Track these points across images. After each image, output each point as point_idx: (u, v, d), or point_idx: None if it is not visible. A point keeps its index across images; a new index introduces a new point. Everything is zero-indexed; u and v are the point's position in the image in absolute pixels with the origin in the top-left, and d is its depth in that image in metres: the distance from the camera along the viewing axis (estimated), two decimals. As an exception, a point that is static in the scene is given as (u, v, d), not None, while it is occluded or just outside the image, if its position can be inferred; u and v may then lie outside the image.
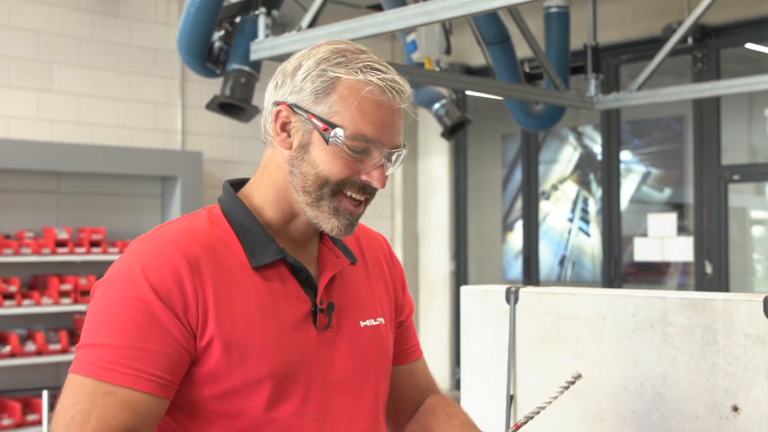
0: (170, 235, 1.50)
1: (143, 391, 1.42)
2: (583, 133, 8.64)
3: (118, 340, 1.43)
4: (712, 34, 7.26)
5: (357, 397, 1.62)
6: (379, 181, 1.53)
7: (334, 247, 1.66)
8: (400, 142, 1.56)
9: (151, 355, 1.42)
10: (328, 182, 1.52)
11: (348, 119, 1.50)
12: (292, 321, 1.54)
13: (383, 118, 1.51)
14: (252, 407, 1.50)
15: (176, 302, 1.44)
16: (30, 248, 6.54)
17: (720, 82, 6.14)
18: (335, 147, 1.50)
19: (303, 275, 1.58)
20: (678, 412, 1.97)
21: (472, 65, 8.61)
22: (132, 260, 1.47)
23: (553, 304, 2.18)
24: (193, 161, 7.54)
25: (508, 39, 6.06)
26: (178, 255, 1.46)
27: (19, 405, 6.42)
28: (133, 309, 1.43)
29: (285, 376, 1.52)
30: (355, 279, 1.69)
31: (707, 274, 7.37)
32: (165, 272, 1.44)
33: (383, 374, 1.69)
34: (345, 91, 1.51)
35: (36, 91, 7.03)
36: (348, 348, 1.62)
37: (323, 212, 1.54)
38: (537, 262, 8.66)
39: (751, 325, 1.88)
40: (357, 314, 1.65)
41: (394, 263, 1.81)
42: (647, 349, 2.03)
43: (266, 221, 1.59)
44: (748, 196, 7.76)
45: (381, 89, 1.51)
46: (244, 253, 1.54)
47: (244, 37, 5.20)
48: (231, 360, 1.48)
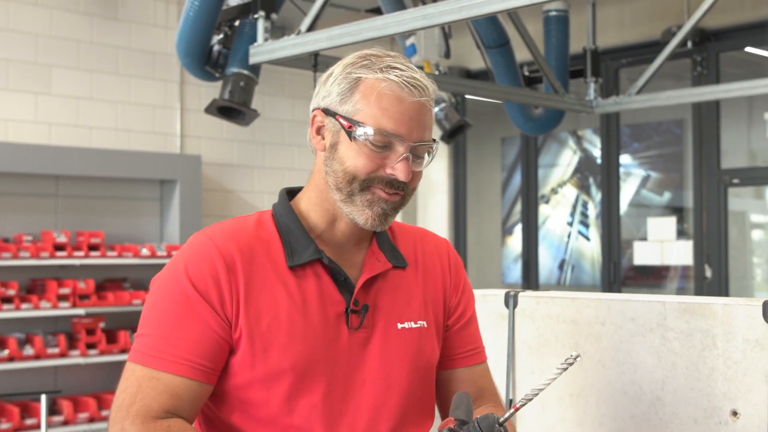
0: (213, 235, 1.64)
1: (183, 376, 1.56)
2: (583, 137, 8.64)
3: (162, 330, 1.58)
4: (712, 37, 7.26)
5: (382, 397, 1.66)
6: (403, 174, 1.61)
7: (380, 252, 1.73)
8: (424, 136, 1.63)
9: (190, 344, 1.57)
10: (356, 178, 1.61)
11: (369, 115, 1.60)
12: (322, 319, 1.63)
13: (403, 113, 1.60)
14: (273, 398, 1.60)
15: (213, 296, 1.58)
16: (28, 252, 6.52)
17: (719, 86, 6.13)
18: (359, 143, 1.60)
19: (341, 276, 1.67)
20: (677, 417, 1.96)
21: (472, 69, 8.61)
22: (179, 258, 1.64)
23: (552, 309, 2.18)
24: (192, 165, 7.53)
25: (508, 42, 6.05)
26: (216, 254, 1.60)
27: (17, 409, 6.41)
28: (176, 302, 1.58)
29: (306, 370, 1.60)
30: (401, 282, 1.75)
31: (707, 278, 7.36)
32: (204, 269, 1.59)
33: (417, 376, 1.72)
34: (366, 90, 1.62)
35: (34, 94, 7.03)
36: (380, 349, 1.68)
37: (357, 206, 1.63)
38: (536, 266, 8.65)
39: (750, 330, 1.87)
40: (396, 316, 1.71)
41: (453, 268, 1.84)
42: (646, 354, 2.02)
43: (310, 225, 1.69)
44: (747, 199, 7.75)
45: (399, 85, 1.61)
46: (283, 254, 1.65)
47: (243, 40, 5.19)
48: (254, 351, 1.59)
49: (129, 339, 6.98)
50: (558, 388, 2.17)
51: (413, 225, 1.93)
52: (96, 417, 6.75)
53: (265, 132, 8.27)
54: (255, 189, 8.26)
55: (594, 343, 2.11)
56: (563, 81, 6.20)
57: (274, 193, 7.79)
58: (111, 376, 7.21)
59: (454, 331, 1.82)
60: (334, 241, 1.70)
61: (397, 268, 1.75)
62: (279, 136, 8.42)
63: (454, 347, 1.82)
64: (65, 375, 6.97)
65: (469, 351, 1.83)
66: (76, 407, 6.74)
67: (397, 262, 1.75)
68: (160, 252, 7.18)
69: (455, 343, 1.82)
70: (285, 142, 8.47)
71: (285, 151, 8.46)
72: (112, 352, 6.89)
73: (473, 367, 1.83)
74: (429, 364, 1.75)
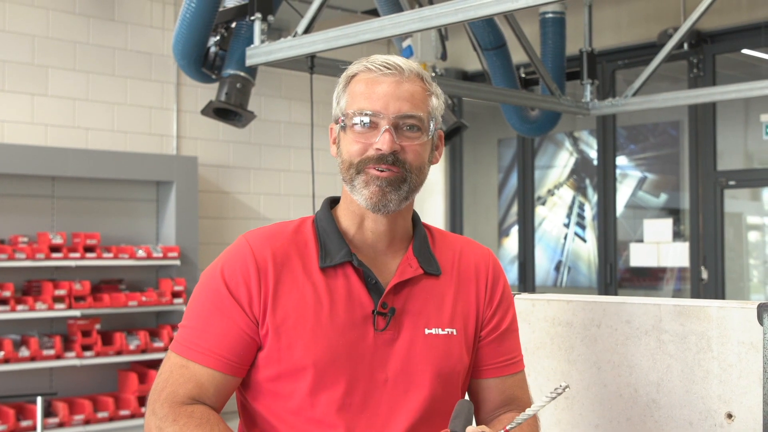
0: (251, 239, 1.77)
1: (207, 367, 1.68)
2: (579, 139, 8.64)
3: (196, 323, 1.72)
4: (708, 39, 7.27)
5: (401, 398, 1.71)
6: (385, 144, 1.69)
7: (413, 258, 1.79)
8: (402, 108, 1.71)
9: (218, 338, 1.69)
10: (351, 164, 1.73)
11: (350, 102, 1.74)
12: (348, 319, 1.71)
13: (377, 91, 1.71)
14: (297, 391, 1.69)
15: (242, 296, 1.70)
16: (24, 253, 6.52)
17: (716, 88, 6.14)
18: (348, 131, 1.73)
19: (372, 279, 1.74)
20: (672, 419, 1.96)
21: (468, 71, 8.61)
22: (220, 258, 1.77)
23: (547, 311, 2.18)
24: (188, 166, 7.53)
25: (504, 44, 6.05)
26: (250, 257, 1.73)
27: (12, 411, 6.40)
28: (210, 299, 1.72)
29: (329, 367, 1.68)
30: (433, 289, 1.79)
31: (703, 279, 7.36)
32: (237, 271, 1.72)
33: (440, 381, 1.75)
34: (350, 84, 1.76)
35: (31, 95, 7.02)
36: (405, 351, 1.73)
37: (357, 189, 1.73)
38: (533, 268, 8.65)
39: (745, 333, 1.87)
40: (424, 321, 1.76)
41: (491, 280, 1.86)
42: (641, 356, 2.02)
43: (344, 229, 1.80)
44: (743, 201, 7.76)
45: (373, 69, 1.73)
46: (317, 256, 1.75)
47: (239, 42, 5.19)
48: (281, 347, 1.69)
49: (125, 341, 6.97)
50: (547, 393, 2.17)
51: (457, 234, 1.96)
52: (92, 419, 6.74)
53: (261, 133, 8.26)
54: (251, 190, 8.25)
55: (589, 346, 2.11)
56: (560, 83, 6.21)
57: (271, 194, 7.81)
58: (107, 377, 7.20)
59: (485, 343, 1.84)
60: (367, 245, 1.79)
61: (430, 275, 1.80)
62: (275, 137, 8.42)
63: (486, 358, 1.84)
64: (61, 377, 6.96)
65: (501, 362, 1.85)
66: (72, 409, 6.73)
67: (429, 269, 1.80)
68: (156, 253, 7.17)
69: (487, 354, 1.84)
70: (281, 144, 8.46)
71: (281, 152, 8.46)
72: (108, 353, 6.88)
73: (504, 378, 1.85)
74: (455, 371, 1.78)
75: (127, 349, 6.96)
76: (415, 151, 1.73)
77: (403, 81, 1.73)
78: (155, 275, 7.51)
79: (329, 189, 8.45)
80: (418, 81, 1.75)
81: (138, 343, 7.03)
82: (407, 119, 1.71)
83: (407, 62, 1.76)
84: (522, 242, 8.71)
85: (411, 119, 1.72)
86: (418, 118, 1.72)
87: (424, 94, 1.75)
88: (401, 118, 1.71)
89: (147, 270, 7.48)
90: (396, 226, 1.80)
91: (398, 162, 1.71)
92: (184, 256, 7.38)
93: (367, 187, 1.72)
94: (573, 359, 2.14)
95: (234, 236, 8.04)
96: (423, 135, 1.74)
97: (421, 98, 1.74)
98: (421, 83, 1.76)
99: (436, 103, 1.79)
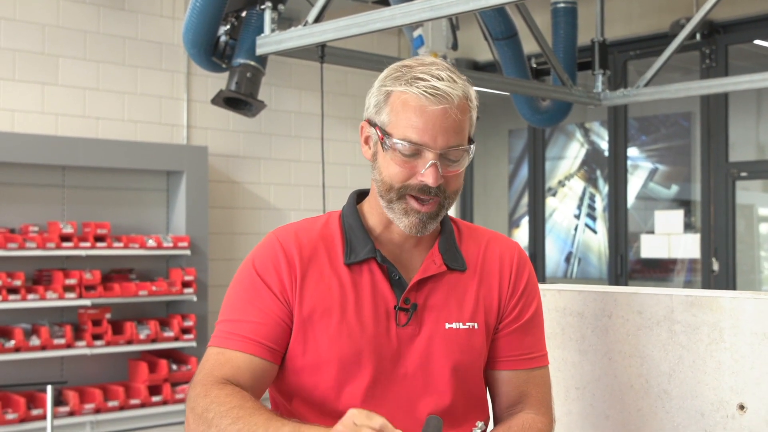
0: (279, 234, 1.80)
1: (244, 352, 1.70)
2: (590, 130, 8.61)
3: (232, 315, 1.75)
4: (721, 30, 7.22)
5: (420, 391, 1.74)
6: (431, 179, 1.68)
7: (438, 255, 1.80)
8: (450, 141, 1.68)
9: (255, 326, 1.72)
10: (392, 187, 1.72)
11: (396, 126, 1.69)
12: (372, 314, 1.74)
13: (426, 122, 1.67)
14: (321, 384, 1.73)
15: (275, 283, 1.74)
16: (35, 242, 6.53)
17: (728, 79, 6.11)
18: (391, 152, 1.70)
19: (395, 275, 1.77)
20: (684, 410, 1.95)
21: (479, 61, 8.58)
22: (251, 254, 1.81)
23: (558, 301, 2.17)
24: (199, 156, 7.53)
25: (515, 34, 6.03)
26: (280, 250, 1.76)
27: (23, 399, 6.42)
28: (245, 290, 1.76)
29: (352, 361, 1.71)
30: (457, 284, 1.80)
31: (714, 271, 7.34)
32: (268, 262, 1.76)
33: (460, 375, 1.77)
34: (394, 102, 1.71)
35: (41, 85, 7.03)
36: (425, 346, 1.75)
37: (396, 213, 1.74)
38: (543, 259, 8.64)
39: (757, 323, 1.86)
40: (445, 316, 1.77)
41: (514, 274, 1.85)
42: (653, 347, 2.01)
43: (370, 226, 1.81)
44: (755, 193, 7.72)
45: (420, 96, 1.67)
46: (343, 251, 1.78)
47: (249, 31, 5.18)
48: (306, 340, 1.73)
49: (135, 330, 6.99)
50: (564, 382, 2.16)
51: (484, 228, 1.96)
52: (102, 408, 6.76)
53: (271, 123, 8.26)
54: (261, 180, 8.25)
55: (601, 336, 2.10)
56: (571, 73, 6.18)
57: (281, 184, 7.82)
58: (117, 367, 7.22)
59: (504, 334, 1.83)
60: (392, 242, 1.80)
61: (454, 270, 1.81)
62: (286, 127, 8.41)
63: (503, 349, 1.84)
64: (71, 366, 6.98)
65: (518, 355, 1.84)
66: (82, 398, 6.76)
67: (454, 265, 1.81)
68: (166, 243, 7.18)
69: (504, 345, 1.84)
70: (292, 134, 8.46)
71: (292, 142, 8.45)
72: (118, 343, 6.90)
73: (518, 372, 1.84)
74: (474, 366, 1.80)
75: (137, 339, 6.98)
76: (457, 179, 1.74)
77: (452, 109, 1.68)
78: (165, 265, 7.52)
79: (339, 179, 8.45)
80: (464, 105, 1.71)
81: (148, 332, 7.04)
82: (453, 150, 1.70)
83: (455, 87, 1.69)
84: (532, 233, 8.69)
85: (456, 150, 1.71)
86: (463, 149, 1.71)
87: (468, 116, 1.73)
88: (448, 149, 1.69)
89: (157, 260, 7.49)
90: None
91: (440, 192, 1.72)
92: (195, 246, 7.39)
93: (407, 216, 1.73)
94: (584, 350, 2.13)
95: (244, 226, 8.05)
96: (465, 161, 1.73)
97: (467, 123, 1.72)
98: (467, 105, 1.72)
99: (474, 119, 1.77)
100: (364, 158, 1.82)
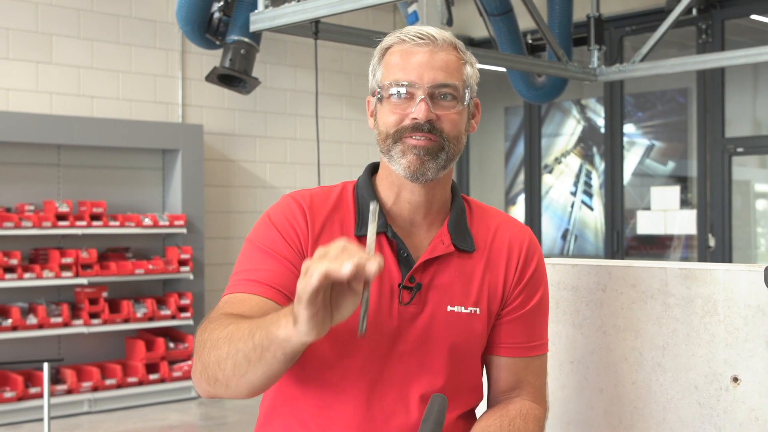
0: (295, 194, 1.80)
1: (257, 295, 1.68)
2: (587, 106, 8.59)
3: (244, 266, 1.74)
4: (717, 5, 7.19)
5: (415, 371, 1.73)
6: (421, 113, 1.70)
7: (447, 235, 1.79)
8: (437, 77, 1.71)
9: (269, 273, 1.70)
10: (388, 134, 1.73)
11: (385, 74, 1.75)
12: (376, 290, 1.72)
13: (412, 62, 1.72)
14: (318, 355, 1.71)
15: (290, 236, 1.73)
16: (31, 221, 6.53)
17: (724, 53, 6.09)
18: (385, 102, 1.74)
19: (404, 252, 1.76)
20: (678, 383, 1.96)
21: (474, 37, 8.55)
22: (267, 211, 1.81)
23: (552, 275, 2.16)
24: (194, 134, 7.51)
25: (511, 10, 6.00)
26: (294, 204, 1.76)
27: (20, 378, 6.44)
28: (260, 242, 1.74)
29: (351, 336, 1.68)
30: (464, 266, 1.79)
31: (710, 247, 7.35)
32: (283, 217, 1.75)
33: (456, 358, 1.76)
34: (386, 59, 1.76)
35: (35, 63, 6.99)
36: (425, 327, 1.74)
37: (395, 159, 1.73)
38: (539, 236, 8.64)
39: (751, 296, 1.86)
40: (448, 299, 1.76)
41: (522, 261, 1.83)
42: (647, 320, 2.01)
43: (382, 199, 1.80)
44: (751, 168, 7.72)
45: (406, 40, 1.74)
46: (354, 223, 1.77)
47: (243, 8, 5.15)
48: None
49: (132, 308, 6.99)
50: (558, 355, 2.16)
51: (497, 209, 1.94)
52: (99, 386, 6.78)
53: (266, 101, 8.23)
54: (257, 158, 8.24)
55: (595, 310, 2.10)
56: (567, 49, 6.16)
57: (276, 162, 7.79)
58: (114, 345, 7.23)
59: (506, 321, 1.82)
60: (403, 217, 1.79)
61: (463, 251, 1.79)
62: (281, 105, 8.39)
63: (503, 336, 1.82)
64: (68, 344, 7.00)
65: (518, 343, 1.82)
66: (80, 376, 6.77)
67: (463, 246, 1.79)
68: (162, 221, 7.17)
69: (505, 332, 1.82)
70: (287, 112, 8.43)
71: (287, 120, 8.43)
72: (115, 321, 6.91)
73: (518, 359, 1.83)
74: (473, 350, 1.79)
75: (134, 317, 6.99)
76: (452, 120, 1.73)
77: (437, 50, 1.73)
78: (162, 243, 7.52)
79: (335, 157, 8.43)
80: (452, 50, 1.75)
81: (145, 310, 7.05)
82: (442, 88, 1.72)
83: (441, 32, 1.76)
84: (529, 211, 8.69)
85: (446, 88, 1.72)
86: (453, 87, 1.73)
87: (459, 62, 1.76)
88: (436, 87, 1.72)
89: (153, 238, 7.49)
90: (433, 197, 1.80)
91: (435, 130, 1.72)
92: (191, 224, 7.39)
93: (404, 156, 1.72)
94: (578, 323, 2.13)
95: (240, 204, 8.04)
96: (458, 104, 1.74)
97: (456, 67, 1.75)
98: (456, 52, 1.76)
99: (471, 72, 1.79)
100: (359, 136, 1.83)
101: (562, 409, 2.16)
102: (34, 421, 6.39)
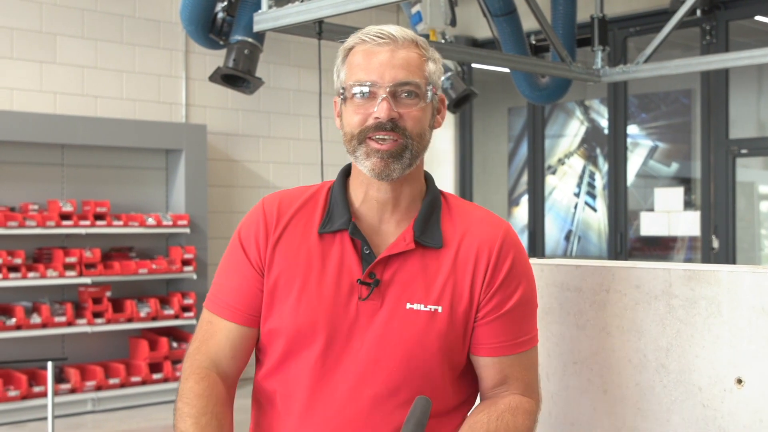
0: (267, 198, 1.87)
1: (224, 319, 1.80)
2: (590, 107, 8.59)
3: (218, 279, 1.86)
4: (721, 6, 7.18)
5: (370, 369, 1.73)
6: (382, 112, 1.72)
7: (410, 232, 1.78)
8: (398, 76, 1.74)
9: (233, 293, 1.81)
10: (353, 135, 1.76)
11: (348, 75, 1.77)
12: (335, 286, 1.75)
13: (372, 62, 1.74)
14: (277, 349, 1.77)
15: (251, 250, 1.81)
16: (35, 221, 6.53)
17: (728, 54, 6.08)
18: (349, 103, 1.76)
19: (366, 249, 1.77)
20: (681, 385, 1.96)
21: (478, 38, 8.55)
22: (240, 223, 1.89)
23: (556, 276, 2.16)
24: (197, 134, 7.51)
25: (514, 11, 6.00)
26: (261, 214, 1.83)
27: (24, 377, 6.45)
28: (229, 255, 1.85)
29: (308, 330, 1.74)
30: (428, 263, 1.78)
31: (714, 248, 7.34)
32: (250, 227, 1.83)
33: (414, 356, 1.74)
34: (348, 60, 1.78)
35: (39, 63, 7.00)
36: (383, 324, 1.74)
37: (360, 160, 1.76)
38: (543, 237, 8.64)
39: (755, 297, 1.85)
40: (407, 296, 1.76)
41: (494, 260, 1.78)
42: (651, 321, 2.01)
43: (351, 198, 1.83)
44: (756, 170, 7.71)
45: (366, 41, 1.76)
46: (320, 220, 1.81)
47: (247, 8, 5.15)
48: (272, 306, 1.78)
49: (135, 308, 7.00)
50: (562, 357, 2.16)
51: (477, 205, 1.91)
52: (103, 385, 6.79)
53: (270, 102, 8.24)
54: (260, 159, 8.24)
55: (598, 311, 2.10)
56: (570, 50, 6.15)
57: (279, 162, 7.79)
58: (118, 344, 7.24)
59: (483, 323, 1.78)
60: (371, 215, 1.81)
61: (428, 247, 1.77)
62: (284, 105, 8.39)
63: (483, 337, 1.79)
64: (72, 344, 7.00)
65: (498, 343, 1.79)
66: (84, 375, 6.78)
67: (429, 242, 1.78)
68: (165, 221, 7.18)
69: (484, 334, 1.79)
70: (290, 112, 8.44)
71: (290, 120, 8.43)
72: (119, 320, 6.92)
73: (501, 358, 1.80)
74: (430, 349, 1.75)
75: (137, 317, 6.99)
76: (414, 118, 1.75)
77: (398, 49, 1.75)
78: (165, 243, 7.52)
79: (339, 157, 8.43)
80: (413, 47, 1.77)
81: (148, 310, 7.06)
82: (404, 86, 1.74)
83: (401, 30, 1.78)
84: (532, 212, 8.69)
85: (407, 86, 1.74)
86: (414, 85, 1.74)
87: (420, 60, 1.77)
88: (398, 86, 1.73)
89: (157, 238, 7.49)
90: (401, 194, 1.79)
91: (397, 129, 1.74)
92: (194, 224, 7.39)
93: (368, 158, 1.75)
94: (582, 324, 2.13)
95: (243, 204, 8.05)
96: (420, 101, 1.76)
97: (417, 64, 1.76)
98: (417, 49, 1.78)
99: (434, 68, 1.80)
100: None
101: (566, 410, 2.16)
102: (38, 420, 6.41)
